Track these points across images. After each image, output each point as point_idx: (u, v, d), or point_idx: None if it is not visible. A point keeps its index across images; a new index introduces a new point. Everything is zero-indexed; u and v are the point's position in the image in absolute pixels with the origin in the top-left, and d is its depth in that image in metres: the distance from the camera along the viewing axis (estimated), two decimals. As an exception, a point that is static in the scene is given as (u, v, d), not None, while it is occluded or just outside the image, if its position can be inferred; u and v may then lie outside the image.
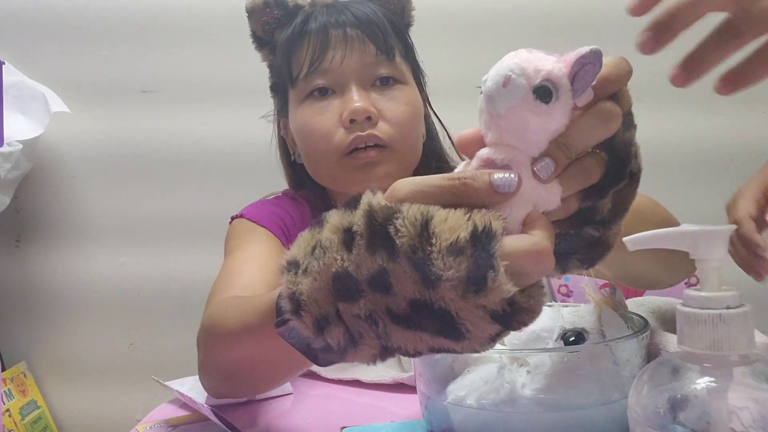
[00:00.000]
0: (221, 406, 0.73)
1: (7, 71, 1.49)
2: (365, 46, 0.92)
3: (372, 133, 0.90)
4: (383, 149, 0.91)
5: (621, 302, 0.58)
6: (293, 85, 0.95)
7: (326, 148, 0.92)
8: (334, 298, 0.41)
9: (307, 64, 0.92)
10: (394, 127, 0.92)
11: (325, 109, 0.92)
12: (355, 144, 0.90)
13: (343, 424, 0.65)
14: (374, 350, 0.43)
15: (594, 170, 0.44)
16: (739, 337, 0.40)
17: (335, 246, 0.41)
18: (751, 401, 0.38)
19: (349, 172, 0.92)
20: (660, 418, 0.40)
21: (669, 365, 0.41)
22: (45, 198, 1.62)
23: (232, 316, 0.65)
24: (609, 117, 0.43)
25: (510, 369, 0.54)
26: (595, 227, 0.50)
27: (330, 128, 0.91)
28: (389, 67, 0.94)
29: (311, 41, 0.92)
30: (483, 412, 0.53)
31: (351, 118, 0.89)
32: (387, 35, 0.94)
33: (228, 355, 0.66)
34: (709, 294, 0.41)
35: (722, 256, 0.41)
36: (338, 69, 0.91)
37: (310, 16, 0.95)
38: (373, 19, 0.94)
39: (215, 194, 1.62)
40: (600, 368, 0.52)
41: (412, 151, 0.97)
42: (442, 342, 0.40)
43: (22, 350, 1.63)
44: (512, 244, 0.38)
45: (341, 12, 0.94)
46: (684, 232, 0.42)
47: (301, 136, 0.96)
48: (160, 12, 1.61)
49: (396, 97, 0.94)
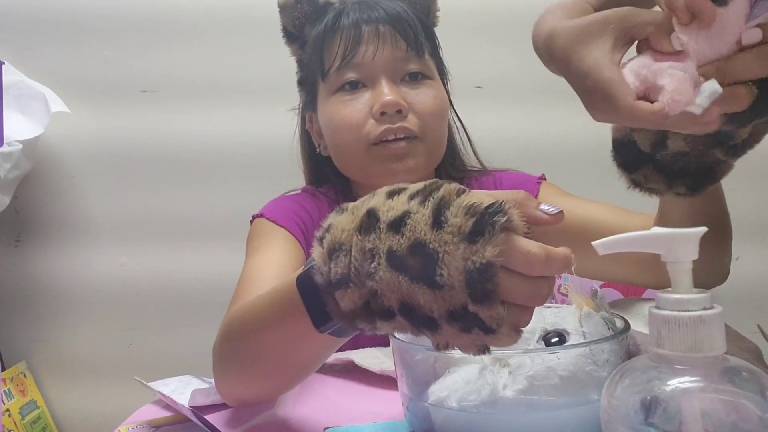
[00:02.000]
0: (203, 408, 0.73)
1: (7, 71, 1.49)
2: (397, 42, 0.96)
3: (403, 125, 0.94)
4: (412, 141, 0.95)
5: (602, 303, 0.58)
6: (324, 78, 0.98)
7: (356, 139, 0.95)
8: (356, 229, 0.47)
9: (340, 58, 0.95)
10: (423, 120, 0.95)
11: (355, 101, 0.95)
12: (386, 135, 0.93)
13: (326, 425, 0.65)
14: (357, 297, 0.47)
15: (744, 99, 0.47)
16: (717, 338, 0.40)
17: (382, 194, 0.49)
18: (722, 402, 0.38)
19: (378, 163, 0.95)
20: (632, 419, 0.39)
21: (641, 366, 0.41)
22: (45, 198, 1.63)
23: (250, 313, 0.65)
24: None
25: (491, 370, 0.54)
26: (724, 151, 0.55)
27: (360, 119, 0.94)
28: (418, 63, 0.98)
29: (344, 36, 0.96)
30: (464, 413, 0.53)
31: (382, 111, 0.93)
32: (417, 33, 0.98)
33: (247, 353, 0.65)
34: (688, 296, 0.40)
35: (694, 257, 0.41)
36: (370, 63, 0.95)
37: (342, 12, 0.98)
38: (404, 17, 0.97)
39: (216, 194, 1.62)
40: (580, 369, 0.51)
41: (439, 145, 1.01)
42: (415, 291, 0.44)
43: (21, 350, 1.64)
44: (521, 239, 0.43)
45: (373, 9, 0.97)
46: (655, 235, 0.42)
47: (331, 127, 0.98)
48: (160, 12, 1.61)
49: (424, 92, 0.97)
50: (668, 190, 0.62)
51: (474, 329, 0.43)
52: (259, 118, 1.61)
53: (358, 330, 0.51)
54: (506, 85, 1.59)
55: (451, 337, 0.45)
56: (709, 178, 0.61)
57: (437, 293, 0.43)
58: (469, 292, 0.42)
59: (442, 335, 0.45)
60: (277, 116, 1.57)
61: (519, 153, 1.53)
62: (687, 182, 0.61)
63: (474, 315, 0.43)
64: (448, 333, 0.45)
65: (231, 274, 1.52)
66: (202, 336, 1.60)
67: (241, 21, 1.61)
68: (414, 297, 0.44)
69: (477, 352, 0.45)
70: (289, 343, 0.60)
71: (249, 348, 0.65)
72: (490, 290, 0.41)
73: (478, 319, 0.43)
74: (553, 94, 1.58)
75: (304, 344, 0.59)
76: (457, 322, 0.43)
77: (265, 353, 0.63)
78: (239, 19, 1.61)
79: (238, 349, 0.66)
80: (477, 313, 0.42)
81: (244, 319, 0.65)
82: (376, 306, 0.47)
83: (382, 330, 0.48)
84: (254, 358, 0.65)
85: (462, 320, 0.43)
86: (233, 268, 1.52)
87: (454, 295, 0.43)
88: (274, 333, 0.60)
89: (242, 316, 0.66)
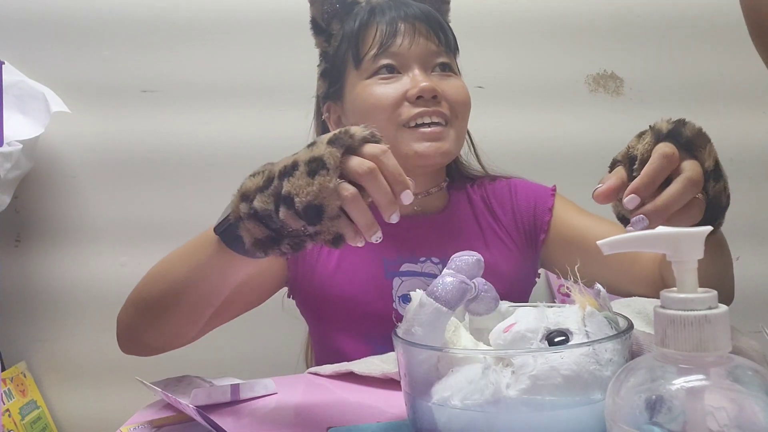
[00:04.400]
0: (206, 407, 0.73)
1: (7, 71, 1.49)
2: (430, 36, 1.02)
3: (438, 109, 0.99)
4: (445, 127, 1.00)
5: (605, 303, 0.57)
6: (358, 65, 1.03)
7: (388, 119, 0.99)
8: (264, 183, 0.63)
9: (377, 46, 1.01)
10: (454, 108, 1.01)
11: (391, 84, 1.00)
12: (420, 117, 0.98)
13: (329, 424, 0.65)
14: (247, 209, 0.64)
15: (695, 215, 0.64)
16: (722, 337, 0.40)
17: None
18: (727, 401, 0.38)
19: (412, 143, 0.98)
20: (637, 418, 0.39)
21: (645, 366, 0.41)
22: (45, 198, 1.63)
23: (164, 260, 0.83)
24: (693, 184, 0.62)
25: (495, 369, 0.54)
26: None
27: (396, 101, 0.99)
28: (448, 57, 1.05)
29: (379, 28, 1.02)
30: (468, 413, 0.53)
31: (419, 95, 0.97)
32: (446, 31, 1.05)
33: (160, 290, 0.79)
34: (693, 295, 0.40)
35: (699, 257, 0.41)
36: (405, 53, 1.01)
37: (376, 8, 1.04)
38: (435, 16, 1.05)
39: (216, 194, 1.60)
40: (583, 368, 0.51)
41: (462, 136, 1.06)
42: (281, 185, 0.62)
43: (21, 350, 1.64)
44: None
45: (409, 6, 1.04)
46: (660, 235, 0.42)
47: (364, 108, 1.01)
48: (160, 12, 1.61)
49: (454, 83, 1.03)
50: None
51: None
52: (259, 119, 1.61)
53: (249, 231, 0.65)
54: (507, 85, 1.59)
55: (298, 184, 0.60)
56: (712, 212, 0.67)
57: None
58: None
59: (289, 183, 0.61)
60: (278, 117, 1.58)
61: (518, 154, 1.54)
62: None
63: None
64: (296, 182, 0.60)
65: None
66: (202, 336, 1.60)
67: (242, 22, 1.61)
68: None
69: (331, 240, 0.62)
70: (198, 269, 0.75)
71: (163, 285, 0.79)
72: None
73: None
74: (553, 95, 1.59)
75: (210, 268, 0.74)
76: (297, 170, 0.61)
77: (177, 285, 0.77)
78: (240, 20, 1.61)
79: (153, 290, 0.81)
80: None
81: (158, 266, 0.82)
82: (263, 213, 0.63)
83: (259, 231, 0.64)
84: (166, 292, 0.78)
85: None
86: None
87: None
88: (187, 262, 0.76)
89: (157, 265, 0.83)
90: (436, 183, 1.09)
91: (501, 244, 1.06)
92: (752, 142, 1.57)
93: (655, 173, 0.61)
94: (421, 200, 1.07)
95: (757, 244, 1.57)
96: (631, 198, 0.61)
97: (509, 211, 1.09)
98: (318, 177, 0.59)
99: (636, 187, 0.61)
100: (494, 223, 1.08)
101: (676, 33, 1.60)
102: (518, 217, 1.08)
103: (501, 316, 0.64)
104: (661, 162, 0.61)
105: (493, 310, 0.65)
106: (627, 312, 0.74)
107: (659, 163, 0.61)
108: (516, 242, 1.07)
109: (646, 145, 0.64)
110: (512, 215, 1.08)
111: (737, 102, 1.58)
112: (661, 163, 0.61)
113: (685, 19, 1.60)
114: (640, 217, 0.60)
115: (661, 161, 0.61)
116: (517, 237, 1.07)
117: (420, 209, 1.07)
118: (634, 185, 0.61)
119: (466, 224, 1.08)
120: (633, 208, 0.60)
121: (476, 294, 0.63)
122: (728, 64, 1.60)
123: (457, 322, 0.63)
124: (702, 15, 1.60)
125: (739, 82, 1.59)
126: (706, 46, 1.60)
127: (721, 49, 1.59)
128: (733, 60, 1.59)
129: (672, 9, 1.61)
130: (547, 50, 1.59)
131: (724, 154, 0.66)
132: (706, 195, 0.65)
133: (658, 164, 0.61)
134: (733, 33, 1.55)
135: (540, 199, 1.08)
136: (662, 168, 0.61)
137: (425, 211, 1.08)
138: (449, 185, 1.13)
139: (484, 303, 0.64)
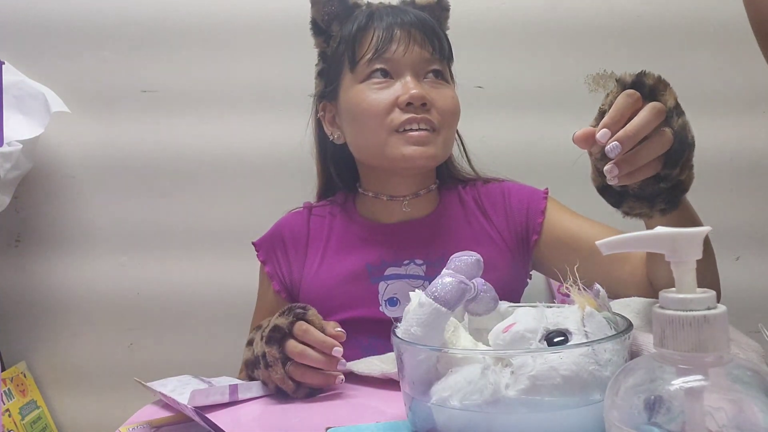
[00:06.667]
0: (204, 407, 0.73)
1: (7, 71, 1.49)
2: (425, 44, 1.04)
3: (426, 116, 1.01)
4: (432, 133, 1.02)
5: (604, 303, 0.57)
6: (353, 68, 1.05)
7: (379, 124, 1.01)
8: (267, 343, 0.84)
9: (372, 51, 1.03)
10: (443, 116, 1.03)
11: (383, 89, 1.02)
12: (409, 123, 1.00)
13: (328, 425, 0.65)
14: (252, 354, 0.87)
15: (665, 142, 0.68)
16: (721, 338, 0.40)
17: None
18: (726, 402, 0.38)
19: (400, 146, 1.01)
20: (635, 418, 0.39)
21: (644, 366, 0.41)
22: (45, 198, 1.62)
23: None
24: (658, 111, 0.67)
25: (494, 370, 0.54)
26: (666, 182, 0.71)
27: (387, 107, 1.01)
28: (441, 65, 1.07)
29: (376, 33, 1.04)
30: (467, 413, 0.53)
31: (408, 102, 1.00)
32: (441, 39, 1.08)
33: None
34: (692, 295, 0.40)
35: (698, 257, 0.41)
36: (399, 59, 1.03)
37: (375, 13, 1.07)
38: (431, 24, 1.07)
39: (215, 195, 1.62)
40: (582, 369, 0.51)
41: (450, 142, 1.09)
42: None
43: (21, 350, 1.64)
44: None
45: (406, 13, 1.06)
46: (659, 235, 0.42)
47: (357, 111, 1.04)
48: (161, 12, 1.61)
49: (444, 92, 1.05)
50: (652, 210, 0.73)
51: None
52: (259, 122, 1.61)
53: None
54: (506, 85, 1.59)
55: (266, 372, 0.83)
56: (680, 190, 0.73)
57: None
58: None
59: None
60: (279, 121, 1.58)
61: (519, 154, 1.54)
62: (664, 198, 0.72)
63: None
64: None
65: (231, 275, 1.53)
66: (202, 336, 1.61)
67: (243, 24, 1.61)
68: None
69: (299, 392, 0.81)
70: None
71: None
72: None
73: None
74: (552, 96, 1.59)
75: None
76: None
77: None
78: (241, 22, 1.61)
79: None
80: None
81: None
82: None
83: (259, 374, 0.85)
84: None
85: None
86: (233, 269, 1.53)
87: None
88: None
89: None
90: (425, 185, 1.12)
91: (492, 245, 1.07)
92: (752, 142, 1.56)
93: (622, 108, 0.67)
94: (409, 202, 1.10)
95: (757, 244, 1.56)
96: (603, 132, 0.66)
97: (501, 212, 1.10)
98: (270, 370, 0.82)
99: (606, 122, 0.67)
100: (486, 223, 1.09)
101: (676, 33, 1.60)
102: (511, 218, 1.09)
103: (500, 317, 0.64)
104: (626, 100, 0.67)
105: (492, 311, 0.65)
106: (626, 312, 0.74)
107: (624, 101, 0.68)
108: (508, 243, 1.07)
109: (612, 96, 0.70)
110: (504, 217, 1.09)
111: (737, 102, 1.58)
112: (625, 101, 0.67)
113: (685, 19, 1.60)
114: (614, 144, 0.65)
115: (625, 99, 0.68)
116: (509, 238, 1.08)
117: (409, 211, 1.10)
118: (604, 121, 0.67)
119: (456, 225, 1.09)
120: (605, 141, 0.66)
121: (475, 294, 0.63)
122: (728, 65, 1.59)
123: (456, 322, 0.63)
124: (702, 16, 1.60)
125: (739, 82, 1.58)
126: (706, 46, 1.59)
127: (721, 50, 1.59)
128: (733, 61, 1.59)
129: (672, 10, 1.60)
130: (547, 50, 1.59)
131: (723, 154, 0.67)
132: (672, 130, 0.69)
133: (623, 102, 0.67)
134: (733, 34, 1.56)
135: (533, 202, 1.09)
136: (627, 105, 0.67)
137: (414, 213, 1.10)
138: (440, 187, 1.15)
139: (483, 303, 0.64)
